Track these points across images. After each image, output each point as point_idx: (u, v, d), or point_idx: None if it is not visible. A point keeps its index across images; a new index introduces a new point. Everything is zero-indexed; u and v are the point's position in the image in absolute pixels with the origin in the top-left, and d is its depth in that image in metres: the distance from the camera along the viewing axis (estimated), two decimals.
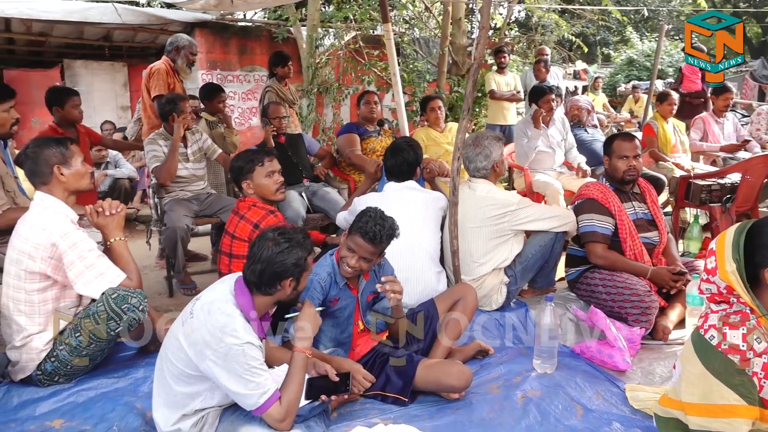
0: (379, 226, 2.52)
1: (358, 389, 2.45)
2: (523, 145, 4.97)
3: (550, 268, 3.51)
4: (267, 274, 2.10)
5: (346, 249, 2.56)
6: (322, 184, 4.59)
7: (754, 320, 1.78)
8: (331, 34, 8.00)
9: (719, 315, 1.85)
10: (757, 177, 4.54)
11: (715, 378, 1.74)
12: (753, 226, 1.83)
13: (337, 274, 2.61)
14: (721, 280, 1.83)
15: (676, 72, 15.76)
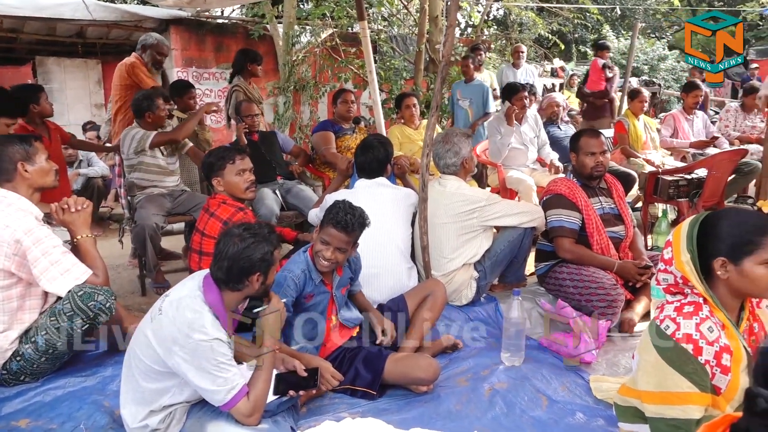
0: (350, 215, 2.55)
1: (326, 387, 2.47)
2: (496, 141, 5.02)
3: (520, 263, 3.56)
4: (234, 270, 2.11)
5: (320, 243, 2.58)
6: (296, 182, 4.59)
7: (707, 310, 1.83)
8: (308, 32, 7.98)
9: (674, 305, 1.90)
10: (723, 172, 4.64)
11: (669, 366, 1.79)
12: (706, 218, 1.88)
13: (312, 270, 2.63)
14: (677, 270, 1.88)
15: (650, 70, 15.98)
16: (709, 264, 1.85)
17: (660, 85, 14.22)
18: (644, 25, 21.80)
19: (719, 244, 1.82)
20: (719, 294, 1.86)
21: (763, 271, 1.77)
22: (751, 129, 6.30)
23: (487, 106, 6.54)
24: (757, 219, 1.87)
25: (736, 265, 1.79)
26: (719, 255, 1.81)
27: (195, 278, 2.21)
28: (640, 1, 20.44)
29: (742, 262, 1.78)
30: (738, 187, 5.57)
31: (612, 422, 2.29)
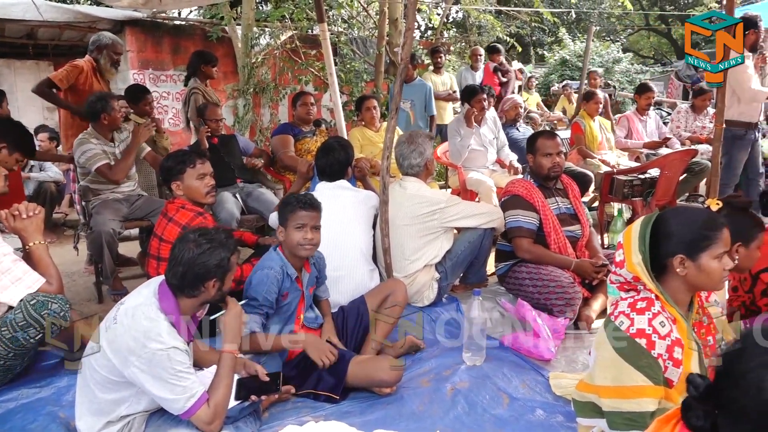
0: (304, 197, 2.67)
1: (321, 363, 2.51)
2: (456, 143, 5.08)
3: (480, 264, 3.61)
4: (189, 276, 2.08)
5: (295, 230, 2.59)
6: (257, 185, 4.56)
7: (658, 306, 1.89)
8: (267, 34, 7.91)
9: (628, 302, 1.95)
10: (675, 172, 4.79)
11: (624, 361, 1.84)
12: (658, 218, 1.95)
13: (287, 266, 2.63)
14: (628, 272, 1.94)
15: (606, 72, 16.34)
16: (663, 262, 1.91)
17: (615, 87, 14.57)
18: (599, 29, 22.33)
19: (676, 243, 1.88)
20: (670, 290, 1.92)
21: (717, 265, 1.85)
22: (701, 129, 6.50)
23: (429, 108, 6.49)
24: (707, 216, 1.95)
25: (694, 261, 1.86)
26: (678, 252, 1.87)
27: (150, 285, 2.17)
28: (595, 4, 20.93)
29: (700, 257, 1.85)
30: (689, 186, 5.75)
31: (571, 418, 2.34)
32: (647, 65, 22.54)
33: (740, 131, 5.06)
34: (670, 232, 1.90)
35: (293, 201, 2.65)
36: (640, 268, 1.91)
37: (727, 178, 5.23)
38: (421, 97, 6.42)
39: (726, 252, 1.87)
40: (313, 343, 2.57)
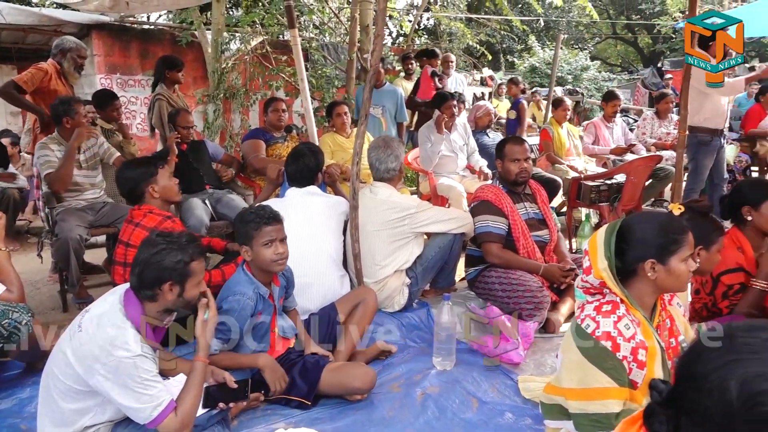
0: (262, 210, 2.60)
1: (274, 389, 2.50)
2: (427, 149, 5.11)
3: (450, 269, 3.63)
4: (144, 276, 2.05)
5: (263, 248, 2.53)
6: (227, 191, 4.52)
7: (623, 309, 1.93)
8: (237, 39, 7.87)
9: (594, 305, 1.98)
10: (640, 177, 4.89)
11: (590, 363, 1.87)
12: (623, 225, 1.99)
13: (258, 287, 2.59)
14: (594, 279, 1.97)
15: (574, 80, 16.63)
16: (632, 267, 1.94)
17: (583, 94, 14.83)
18: (567, 37, 22.72)
19: (646, 248, 1.92)
20: (636, 293, 1.96)
21: (684, 267, 1.90)
22: (666, 135, 6.65)
23: (400, 114, 6.39)
24: (673, 220, 2.01)
25: (664, 265, 1.90)
26: (648, 257, 1.91)
27: (116, 293, 2.14)
28: (563, 13, 21.28)
29: (669, 261, 1.90)
30: (655, 192, 5.87)
31: (539, 420, 2.36)
32: (614, 73, 23.03)
33: (706, 137, 5.18)
34: (638, 237, 1.94)
35: (254, 218, 2.56)
36: (606, 273, 1.94)
37: (693, 183, 5.36)
38: (393, 103, 6.38)
39: (690, 254, 1.92)
40: (270, 366, 2.53)
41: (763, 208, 2.73)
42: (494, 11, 17.68)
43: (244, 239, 2.56)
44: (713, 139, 5.20)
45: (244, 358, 2.55)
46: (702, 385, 1.02)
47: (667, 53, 23.39)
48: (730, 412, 0.97)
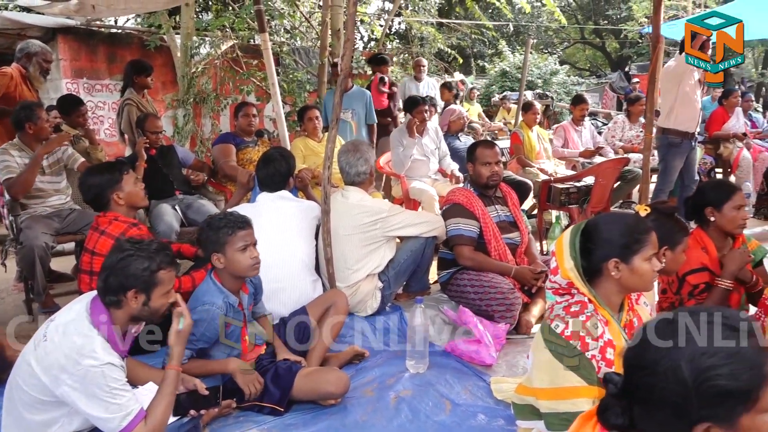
0: (231, 216, 2.59)
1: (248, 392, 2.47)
2: (399, 153, 5.13)
3: (423, 272, 3.64)
4: (109, 282, 2.02)
5: (239, 253, 2.51)
6: (197, 197, 4.48)
7: (591, 308, 1.95)
8: (207, 43, 7.80)
9: (563, 305, 2.01)
10: (608, 180, 4.97)
11: (559, 363, 1.89)
12: (588, 225, 2.02)
13: (228, 296, 2.56)
14: (562, 279, 2.00)
15: (544, 84, 16.84)
16: (597, 266, 1.98)
17: (552, 98, 15.03)
18: (537, 41, 23.02)
19: (610, 248, 1.95)
20: (603, 292, 1.99)
21: (648, 266, 1.94)
22: (635, 138, 6.76)
23: (370, 117, 6.28)
24: (636, 220, 2.04)
25: (627, 264, 1.93)
26: (612, 256, 1.94)
27: (82, 301, 2.10)
28: (533, 18, 21.56)
29: (632, 260, 1.93)
30: (623, 193, 5.97)
31: (511, 421, 2.39)
32: (583, 77, 23.38)
33: (676, 139, 5.28)
34: (603, 238, 1.97)
35: (226, 223, 2.54)
36: (572, 273, 1.97)
37: (662, 184, 5.47)
38: (362, 106, 6.30)
39: (654, 254, 1.96)
40: (242, 370, 2.51)
41: (725, 210, 2.80)
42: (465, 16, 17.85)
43: (216, 246, 2.53)
44: (683, 141, 5.29)
45: (215, 364, 2.53)
46: (655, 371, 1.11)
47: (634, 58, 23.84)
48: (685, 391, 1.06)
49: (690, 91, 5.19)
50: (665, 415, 1.11)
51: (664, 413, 1.11)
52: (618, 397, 1.17)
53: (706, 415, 1.06)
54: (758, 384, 1.04)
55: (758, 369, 1.05)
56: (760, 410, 1.05)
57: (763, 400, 1.04)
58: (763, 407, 1.05)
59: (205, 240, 2.56)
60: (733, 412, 1.05)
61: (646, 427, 1.15)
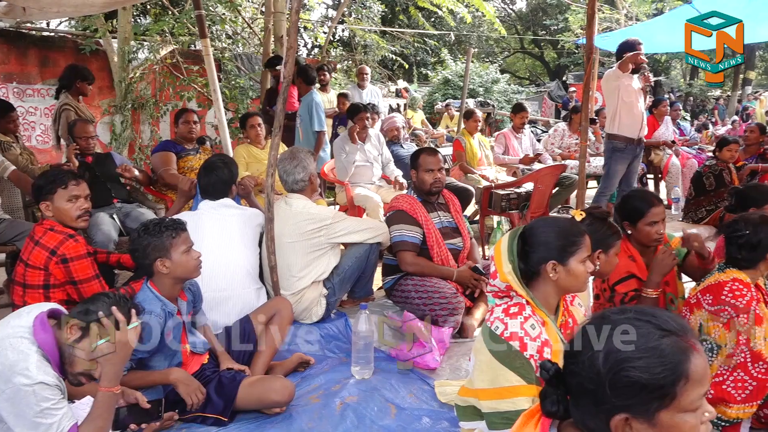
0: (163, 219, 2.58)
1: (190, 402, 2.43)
2: (342, 160, 5.16)
3: (367, 278, 3.67)
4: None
5: (184, 255, 2.49)
6: (136, 205, 4.36)
7: (529, 310, 2.02)
8: (145, 48, 7.63)
9: (502, 308, 2.07)
10: (547, 186, 5.13)
11: (500, 363, 1.94)
12: (526, 230, 2.09)
13: (166, 304, 2.50)
14: (500, 282, 2.07)
15: (485, 92, 17.21)
16: (536, 269, 2.05)
17: (493, 106, 15.38)
18: (478, 50, 23.50)
19: (548, 250, 2.03)
20: (540, 294, 2.06)
21: (583, 268, 2.02)
22: (575, 146, 6.99)
23: (316, 123, 6.05)
24: (570, 224, 2.13)
25: (564, 265, 2.01)
26: (550, 259, 2.01)
27: (22, 316, 2.01)
28: (474, 28, 22.02)
29: (569, 261, 2.01)
30: (561, 199, 6.17)
31: (455, 423, 2.43)
32: (523, 86, 24.02)
33: (620, 144, 5.45)
34: (541, 241, 2.04)
35: (167, 228, 2.51)
36: (510, 277, 2.04)
37: (604, 187, 5.67)
38: (308, 112, 6.23)
39: (589, 256, 2.05)
40: (183, 379, 2.47)
41: (639, 225, 2.91)
42: (408, 24, 18.06)
43: (160, 252, 2.48)
44: (627, 146, 5.46)
45: (155, 375, 2.47)
46: (579, 361, 1.17)
47: (571, 67, 24.67)
48: (599, 381, 1.12)
49: (631, 98, 5.37)
50: (587, 403, 1.16)
51: (585, 402, 1.16)
52: (553, 385, 1.22)
53: (621, 405, 1.10)
54: (674, 381, 1.08)
55: (675, 366, 1.08)
56: (679, 408, 1.09)
57: (682, 398, 1.08)
58: (682, 406, 1.08)
59: (146, 247, 2.50)
60: (649, 406, 1.09)
61: (575, 415, 1.20)
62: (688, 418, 1.10)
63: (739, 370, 2.44)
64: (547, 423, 1.25)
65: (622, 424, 1.11)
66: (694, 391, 1.09)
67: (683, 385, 1.08)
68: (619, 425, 1.11)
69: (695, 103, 25.49)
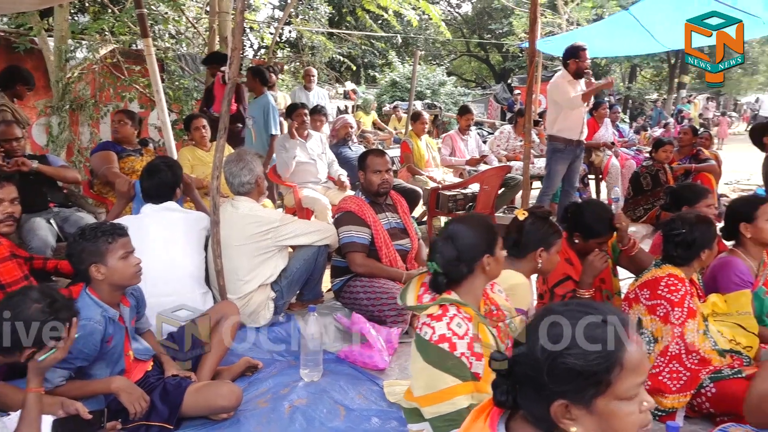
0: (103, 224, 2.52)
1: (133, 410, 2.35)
2: (283, 156, 5.22)
3: (316, 281, 3.66)
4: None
5: (121, 261, 2.41)
6: (75, 209, 4.21)
7: (453, 309, 2.05)
8: (84, 47, 7.38)
9: (427, 313, 2.10)
10: (492, 186, 5.23)
11: (433, 368, 1.97)
12: (450, 234, 2.15)
13: (106, 310, 2.42)
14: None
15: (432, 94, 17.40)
16: (470, 268, 2.10)
17: (441, 108, 15.57)
18: (425, 53, 23.73)
19: (479, 247, 2.10)
20: (471, 289, 2.12)
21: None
22: (520, 147, 7.15)
23: (272, 126, 6.03)
24: (482, 218, 2.26)
25: (494, 255, 2.11)
26: (485, 253, 2.10)
27: None
28: (420, 31, 22.21)
29: (496, 251, 2.12)
30: (506, 199, 6.30)
31: (404, 422, 2.44)
32: (469, 88, 24.42)
33: (560, 145, 5.61)
34: (467, 243, 2.11)
35: (104, 232, 2.43)
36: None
37: (546, 188, 5.83)
38: (261, 114, 6.10)
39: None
40: (125, 388, 2.39)
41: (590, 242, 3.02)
42: (356, 26, 18.08)
43: (95, 257, 2.40)
44: (567, 147, 5.61)
45: (97, 384, 2.39)
46: (520, 353, 1.22)
47: (516, 70, 25.18)
48: (539, 368, 1.16)
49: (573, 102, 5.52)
50: (529, 391, 1.20)
51: (528, 390, 1.20)
52: (504, 375, 1.25)
53: (559, 391, 1.14)
54: (608, 368, 1.12)
55: (609, 354, 1.13)
56: (615, 396, 1.13)
57: (617, 385, 1.12)
58: (617, 393, 1.13)
59: (80, 252, 2.42)
60: (585, 392, 1.13)
61: (523, 404, 1.24)
62: (625, 407, 1.14)
63: (674, 362, 2.55)
64: (496, 416, 1.27)
65: (561, 409, 1.15)
66: (629, 380, 1.13)
67: (618, 373, 1.12)
68: (559, 411, 1.15)
69: (633, 105, 26.48)
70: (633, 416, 1.15)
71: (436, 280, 2.11)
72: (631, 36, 7.59)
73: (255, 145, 6.00)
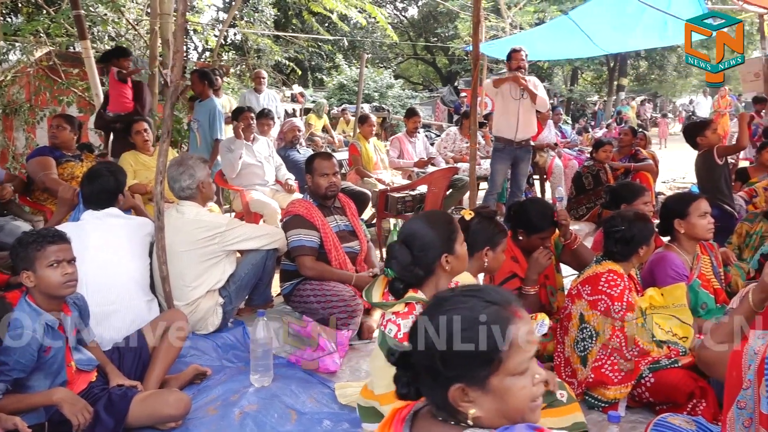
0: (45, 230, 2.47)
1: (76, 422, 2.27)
2: (228, 157, 5.18)
3: (265, 285, 3.62)
4: None
5: (49, 270, 2.32)
6: (10, 218, 4.04)
7: (419, 308, 2.08)
8: (17, 49, 7.11)
9: (392, 310, 2.12)
10: (440, 187, 5.30)
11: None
12: (408, 237, 2.17)
13: (45, 317, 2.33)
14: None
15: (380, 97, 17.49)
16: (431, 268, 2.14)
17: (388, 111, 15.65)
18: (372, 56, 23.82)
19: (435, 248, 2.13)
20: (433, 287, 2.14)
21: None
22: (466, 149, 7.25)
23: (217, 130, 5.87)
24: (436, 215, 2.31)
25: (453, 253, 2.14)
26: (443, 253, 2.12)
27: None
28: (367, 34, 22.30)
29: (455, 248, 2.15)
30: (454, 200, 6.39)
31: (356, 424, 2.47)
32: (417, 91, 24.64)
33: (499, 145, 5.79)
34: (424, 243, 2.14)
35: (35, 238, 2.36)
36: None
37: (490, 188, 5.98)
38: (207, 118, 5.94)
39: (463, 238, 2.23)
40: (68, 399, 2.31)
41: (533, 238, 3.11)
42: (302, 29, 17.99)
43: (25, 263, 2.33)
44: (505, 146, 5.77)
45: (36, 397, 2.31)
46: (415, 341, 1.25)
47: (462, 73, 25.56)
48: (432, 356, 1.20)
49: (508, 102, 5.68)
50: (427, 380, 1.23)
51: (426, 379, 1.23)
52: (404, 368, 1.28)
53: (455, 376, 1.17)
54: (497, 346, 1.16)
55: (497, 333, 1.16)
56: (507, 372, 1.17)
57: (507, 362, 1.16)
58: (509, 369, 1.17)
59: (15, 257, 2.36)
60: (479, 373, 1.17)
61: (425, 395, 1.27)
62: (518, 381, 1.18)
63: (615, 355, 2.65)
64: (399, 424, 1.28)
65: (459, 393, 1.17)
66: (518, 355, 1.17)
67: (507, 351, 1.16)
68: (457, 395, 1.17)
69: (575, 107, 27.27)
70: (526, 390, 1.18)
71: (393, 286, 2.12)
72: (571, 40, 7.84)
73: (200, 149, 5.88)
